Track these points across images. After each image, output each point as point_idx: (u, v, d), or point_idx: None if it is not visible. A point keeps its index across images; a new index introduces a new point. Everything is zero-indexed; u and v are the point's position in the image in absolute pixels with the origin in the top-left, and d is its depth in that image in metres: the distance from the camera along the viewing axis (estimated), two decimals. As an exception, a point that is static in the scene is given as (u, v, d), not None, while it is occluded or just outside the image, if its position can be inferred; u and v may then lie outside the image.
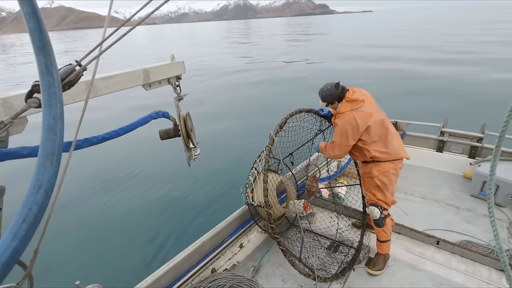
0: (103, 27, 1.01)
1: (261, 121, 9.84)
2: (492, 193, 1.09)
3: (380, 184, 2.71)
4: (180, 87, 1.62)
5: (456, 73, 15.83)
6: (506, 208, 3.76)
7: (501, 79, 13.79)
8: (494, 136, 4.34)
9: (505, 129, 0.99)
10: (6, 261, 0.36)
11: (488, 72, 15.47)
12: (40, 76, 0.45)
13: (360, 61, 21.66)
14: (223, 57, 31.25)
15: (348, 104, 2.62)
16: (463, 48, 24.77)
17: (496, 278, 2.71)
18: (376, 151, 2.64)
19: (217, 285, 2.57)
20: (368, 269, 2.87)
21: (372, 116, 2.57)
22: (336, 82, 2.68)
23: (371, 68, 18.87)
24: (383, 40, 37.61)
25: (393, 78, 15.67)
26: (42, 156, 0.42)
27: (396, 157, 2.66)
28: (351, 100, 2.61)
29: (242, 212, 3.20)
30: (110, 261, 4.52)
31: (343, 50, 28.98)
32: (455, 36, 36.72)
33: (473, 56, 20.92)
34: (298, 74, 18.59)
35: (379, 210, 2.74)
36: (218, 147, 8.34)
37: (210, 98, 14.10)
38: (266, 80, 17.52)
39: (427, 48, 26.44)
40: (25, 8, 0.43)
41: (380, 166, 2.68)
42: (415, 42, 32.74)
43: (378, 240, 2.87)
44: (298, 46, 37.73)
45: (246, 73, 20.14)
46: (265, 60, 26.04)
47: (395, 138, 2.70)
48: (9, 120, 0.91)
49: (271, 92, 14.78)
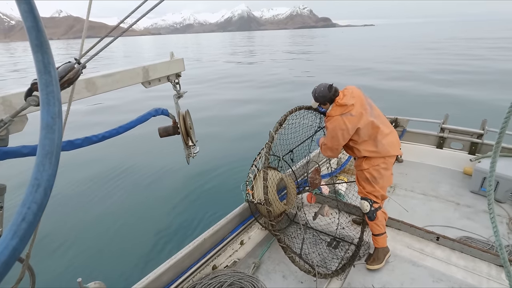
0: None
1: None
2: (492, 189, 1.09)
3: (369, 177, 2.79)
4: (180, 84, 1.62)
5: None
6: (506, 204, 3.76)
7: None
8: (494, 132, 4.34)
9: (505, 125, 0.98)
10: (5, 259, 0.36)
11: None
12: (38, 75, 0.45)
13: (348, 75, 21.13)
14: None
15: (338, 108, 2.67)
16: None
17: (496, 273, 2.72)
18: (366, 150, 2.74)
19: (218, 281, 2.58)
20: (367, 265, 2.89)
21: (362, 118, 2.63)
22: (329, 83, 2.72)
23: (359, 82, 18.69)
24: (371, 54, 36.59)
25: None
26: (40, 155, 0.42)
27: (386, 154, 2.73)
28: (340, 104, 2.66)
29: (242, 209, 3.21)
30: (111, 259, 4.54)
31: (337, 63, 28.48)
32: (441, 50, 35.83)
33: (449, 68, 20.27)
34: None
35: (368, 203, 2.82)
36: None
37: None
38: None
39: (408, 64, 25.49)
40: (22, 6, 0.43)
41: (370, 161, 2.78)
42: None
43: (373, 234, 2.91)
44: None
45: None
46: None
47: (386, 137, 2.74)
48: (9, 119, 0.90)
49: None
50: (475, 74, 17.83)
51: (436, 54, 30.71)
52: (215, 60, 36.07)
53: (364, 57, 31.37)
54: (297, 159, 3.58)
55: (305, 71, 22.91)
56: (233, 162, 7.22)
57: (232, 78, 21.42)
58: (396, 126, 5.22)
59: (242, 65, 30.62)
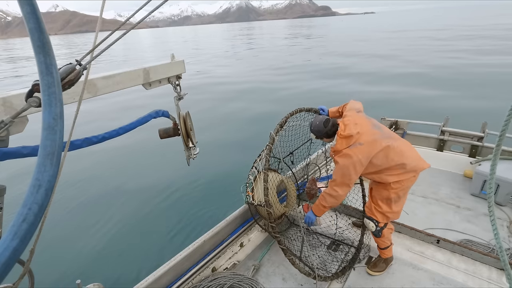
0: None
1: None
2: (492, 192, 1.08)
3: (394, 197, 2.52)
4: (180, 86, 1.62)
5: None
6: (506, 207, 3.76)
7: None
8: (494, 135, 4.33)
9: (505, 128, 0.98)
10: (6, 260, 0.36)
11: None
12: (40, 76, 0.45)
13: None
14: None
15: (343, 141, 2.39)
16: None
17: (496, 277, 2.71)
18: (394, 175, 2.42)
19: (218, 284, 2.57)
20: (367, 269, 2.86)
21: (376, 144, 2.34)
22: (326, 118, 2.54)
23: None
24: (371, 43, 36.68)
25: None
26: (42, 155, 0.42)
27: (418, 169, 2.45)
28: (345, 136, 2.38)
29: (242, 211, 3.20)
30: (111, 261, 4.53)
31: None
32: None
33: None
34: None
35: (374, 224, 2.66)
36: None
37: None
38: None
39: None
40: (25, 8, 0.43)
41: (402, 180, 2.46)
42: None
43: (379, 248, 2.83)
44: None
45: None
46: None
47: (408, 153, 2.44)
48: (9, 120, 0.91)
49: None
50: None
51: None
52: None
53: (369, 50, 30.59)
54: (297, 161, 3.57)
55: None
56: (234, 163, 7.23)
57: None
58: (396, 129, 5.22)
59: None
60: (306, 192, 3.42)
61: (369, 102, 9.95)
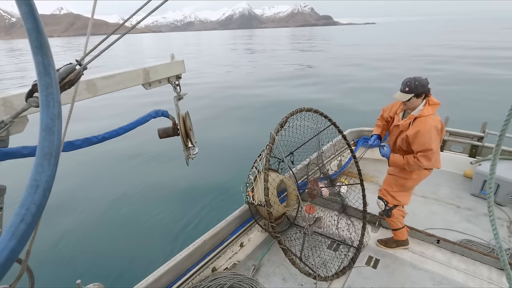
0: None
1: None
2: (492, 192, 1.08)
3: (410, 185, 2.84)
4: (180, 86, 1.62)
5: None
6: (506, 207, 3.75)
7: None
8: (494, 135, 4.33)
9: (505, 128, 0.98)
10: (3, 261, 0.36)
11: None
12: (37, 76, 0.45)
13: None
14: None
15: (430, 108, 2.52)
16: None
17: (497, 277, 2.71)
18: (437, 160, 2.60)
19: (218, 284, 2.57)
20: (377, 241, 3.16)
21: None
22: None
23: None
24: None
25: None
26: (39, 156, 0.42)
27: (434, 167, 2.71)
28: (434, 103, 2.52)
29: (242, 211, 3.20)
30: (111, 261, 4.53)
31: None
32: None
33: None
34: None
35: (383, 203, 2.96)
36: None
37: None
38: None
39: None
40: (22, 8, 0.43)
41: (424, 172, 2.74)
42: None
43: (392, 229, 3.07)
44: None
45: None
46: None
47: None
48: (9, 120, 0.90)
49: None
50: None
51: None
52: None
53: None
54: (297, 161, 3.57)
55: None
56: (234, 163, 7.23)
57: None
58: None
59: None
60: (308, 192, 3.43)
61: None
